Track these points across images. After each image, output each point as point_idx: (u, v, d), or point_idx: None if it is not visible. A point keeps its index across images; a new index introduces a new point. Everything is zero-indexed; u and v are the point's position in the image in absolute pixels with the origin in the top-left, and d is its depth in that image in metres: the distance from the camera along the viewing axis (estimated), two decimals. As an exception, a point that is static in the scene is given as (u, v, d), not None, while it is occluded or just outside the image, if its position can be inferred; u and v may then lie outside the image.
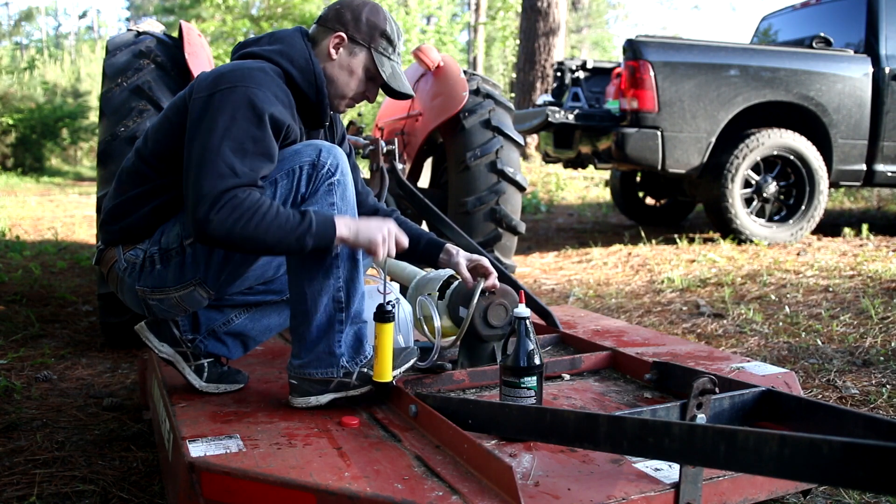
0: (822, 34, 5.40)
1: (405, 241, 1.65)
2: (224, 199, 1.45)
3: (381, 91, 1.81)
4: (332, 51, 1.71)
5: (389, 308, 1.59)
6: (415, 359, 1.72)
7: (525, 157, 10.92)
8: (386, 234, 1.58)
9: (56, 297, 3.91)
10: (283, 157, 1.60)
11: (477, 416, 1.45)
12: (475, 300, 1.76)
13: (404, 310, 2.06)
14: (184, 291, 1.65)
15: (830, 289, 3.64)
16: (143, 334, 1.78)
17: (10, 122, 14.20)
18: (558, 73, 6.48)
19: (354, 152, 3.09)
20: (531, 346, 1.54)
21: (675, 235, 5.70)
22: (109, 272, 1.72)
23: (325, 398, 1.63)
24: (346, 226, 1.55)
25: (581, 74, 6.35)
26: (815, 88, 5.12)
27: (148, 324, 1.79)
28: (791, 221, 5.21)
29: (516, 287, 2.07)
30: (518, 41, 11.52)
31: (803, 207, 5.20)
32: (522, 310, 1.57)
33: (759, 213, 5.25)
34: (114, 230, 1.69)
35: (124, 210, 1.67)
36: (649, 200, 6.93)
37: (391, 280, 2.23)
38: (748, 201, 5.21)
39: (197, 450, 1.37)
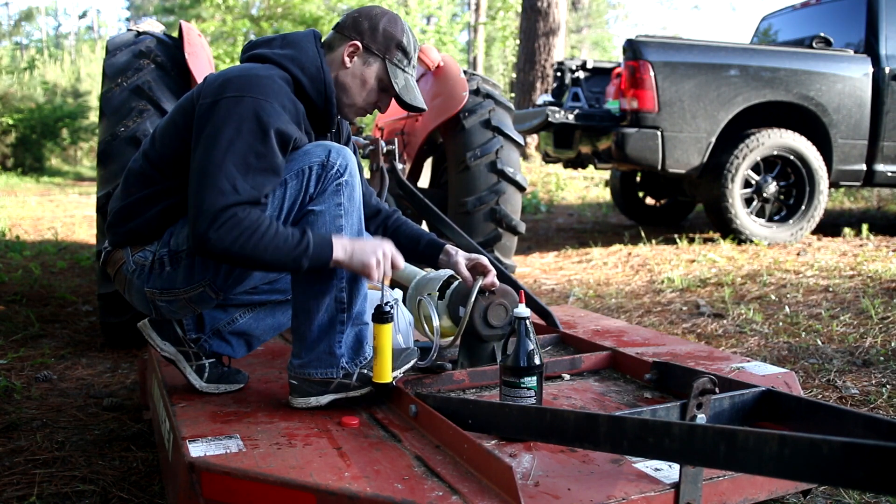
0: (822, 34, 5.40)
1: (401, 263, 1.65)
2: (223, 218, 1.46)
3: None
4: (347, 59, 1.70)
5: (388, 309, 1.59)
6: (415, 360, 1.72)
7: (525, 157, 10.92)
8: (381, 256, 1.58)
9: (56, 297, 3.91)
10: (293, 157, 1.60)
11: (477, 416, 1.45)
12: (472, 297, 1.76)
13: (404, 313, 2.06)
14: (193, 293, 1.65)
15: (830, 289, 3.64)
16: (145, 332, 1.79)
17: (10, 122, 14.20)
18: (558, 73, 6.48)
19: (357, 153, 3.09)
20: (531, 346, 1.54)
21: (675, 235, 5.70)
22: (117, 274, 1.72)
23: (324, 399, 1.63)
24: (343, 248, 1.55)
25: (581, 74, 6.35)
26: (815, 88, 5.12)
27: (151, 322, 1.79)
28: (791, 221, 5.21)
29: (516, 287, 2.07)
30: (518, 41, 11.52)
31: (803, 207, 5.20)
32: (522, 310, 1.57)
33: (759, 213, 5.26)
34: (121, 232, 1.69)
35: (132, 212, 1.67)
36: (649, 200, 6.93)
37: (394, 288, 2.23)
38: (748, 201, 5.21)
39: (197, 450, 1.37)
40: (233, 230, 1.46)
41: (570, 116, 5.36)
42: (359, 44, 1.69)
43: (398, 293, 2.16)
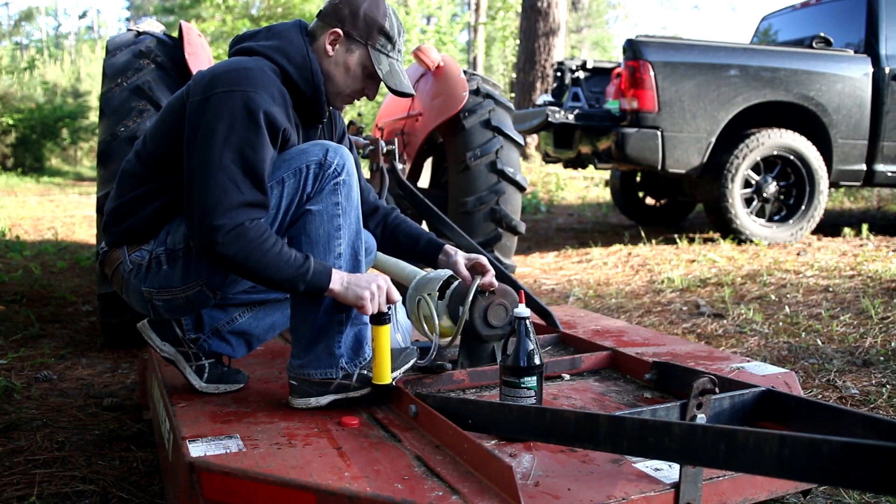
0: (822, 34, 5.40)
1: (396, 297, 1.64)
2: (230, 225, 1.47)
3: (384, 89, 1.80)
4: (329, 47, 1.69)
5: (386, 310, 1.59)
6: (414, 360, 1.72)
7: (525, 157, 10.92)
8: (375, 290, 1.58)
9: (56, 297, 3.91)
10: (290, 156, 1.61)
11: (477, 416, 1.45)
12: (470, 296, 1.76)
13: (403, 313, 2.06)
14: (190, 292, 1.65)
15: (830, 289, 3.64)
16: (145, 333, 1.78)
17: (10, 122, 14.20)
18: (558, 73, 6.48)
19: (355, 151, 3.10)
20: (531, 346, 1.54)
21: (675, 235, 5.70)
22: (114, 273, 1.72)
23: (324, 399, 1.63)
24: (340, 280, 1.56)
25: (581, 74, 6.35)
26: (815, 88, 5.12)
27: (150, 322, 1.79)
28: (791, 221, 5.21)
29: (516, 287, 2.07)
30: (518, 41, 11.52)
31: (803, 207, 5.20)
32: (522, 310, 1.57)
33: (759, 213, 5.26)
34: (117, 232, 1.69)
35: (126, 212, 1.67)
36: (649, 200, 6.93)
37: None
38: (748, 201, 5.21)
39: (197, 450, 1.37)
40: (239, 240, 1.48)
41: (570, 116, 5.36)
42: (340, 31, 1.68)
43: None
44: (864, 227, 5.32)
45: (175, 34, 3.29)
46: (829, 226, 5.86)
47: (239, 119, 1.50)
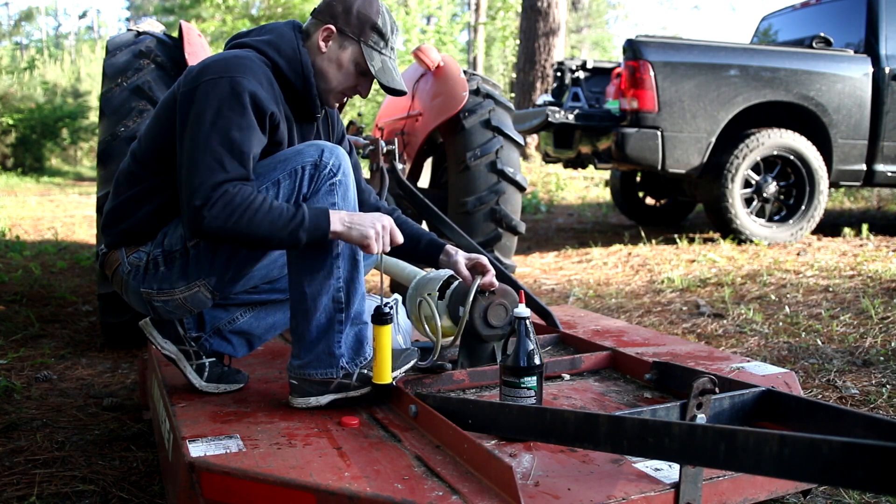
0: (822, 34, 5.40)
1: (399, 238, 1.63)
2: (215, 196, 1.46)
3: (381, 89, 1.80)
4: (322, 43, 1.70)
5: (387, 310, 1.59)
6: (415, 360, 1.72)
7: (525, 157, 10.92)
8: (380, 229, 1.57)
9: (56, 297, 3.91)
10: (286, 157, 1.61)
11: (477, 416, 1.45)
12: (471, 296, 1.76)
13: (403, 313, 2.06)
14: (188, 292, 1.66)
15: (830, 289, 3.64)
16: (147, 330, 1.79)
17: (10, 122, 14.20)
18: (558, 73, 6.48)
19: (355, 152, 3.10)
20: (531, 346, 1.54)
21: (675, 235, 5.70)
22: (114, 275, 1.73)
23: (324, 399, 1.64)
24: (341, 220, 1.55)
25: (581, 74, 6.35)
26: (815, 88, 5.12)
27: (152, 320, 1.79)
28: (791, 221, 5.21)
29: (516, 287, 2.07)
30: (518, 41, 11.52)
31: (803, 207, 5.20)
32: (522, 310, 1.57)
33: (759, 213, 5.26)
34: (115, 233, 1.69)
35: (123, 212, 1.68)
36: (649, 200, 6.93)
37: (394, 291, 2.23)
38: (748, 201, 5.21)
39: (197, 450, 1.37)
40: (226, 207, 1.47)
41: (570, 116, 5.36)
42: (333, 27, 1.69)
43: (396, 297, 2.16)
44: (864, 227, 5.32)
45: (175, 34, 3.29)
46: (829, 226, 5.86)
47: (226, 103, 1.51)
